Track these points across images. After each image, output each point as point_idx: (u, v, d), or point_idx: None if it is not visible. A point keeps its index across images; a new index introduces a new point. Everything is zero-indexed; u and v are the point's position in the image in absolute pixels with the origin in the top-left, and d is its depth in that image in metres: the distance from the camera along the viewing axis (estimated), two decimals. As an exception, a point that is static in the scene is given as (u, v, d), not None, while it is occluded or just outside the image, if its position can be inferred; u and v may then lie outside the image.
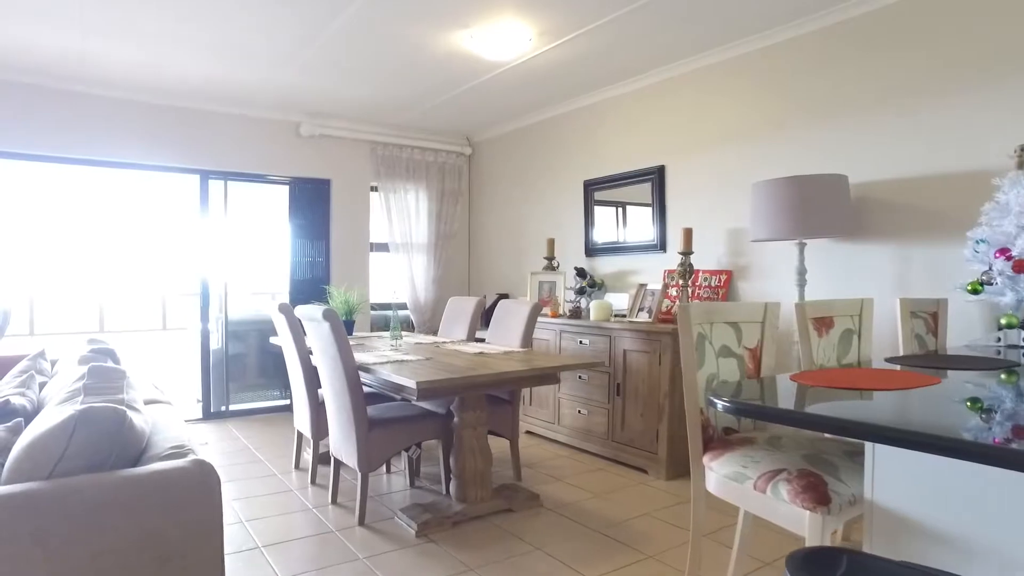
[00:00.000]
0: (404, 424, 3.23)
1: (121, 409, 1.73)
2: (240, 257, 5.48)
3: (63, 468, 1.65)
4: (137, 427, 1.77)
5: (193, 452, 1.78)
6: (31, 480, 1.63)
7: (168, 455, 1.75)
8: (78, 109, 4.71)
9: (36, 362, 3.32)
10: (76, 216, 9.13)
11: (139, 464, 1.77)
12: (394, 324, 3.87)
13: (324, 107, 5.33)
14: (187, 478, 1.63)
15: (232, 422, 5.27)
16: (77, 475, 1.64)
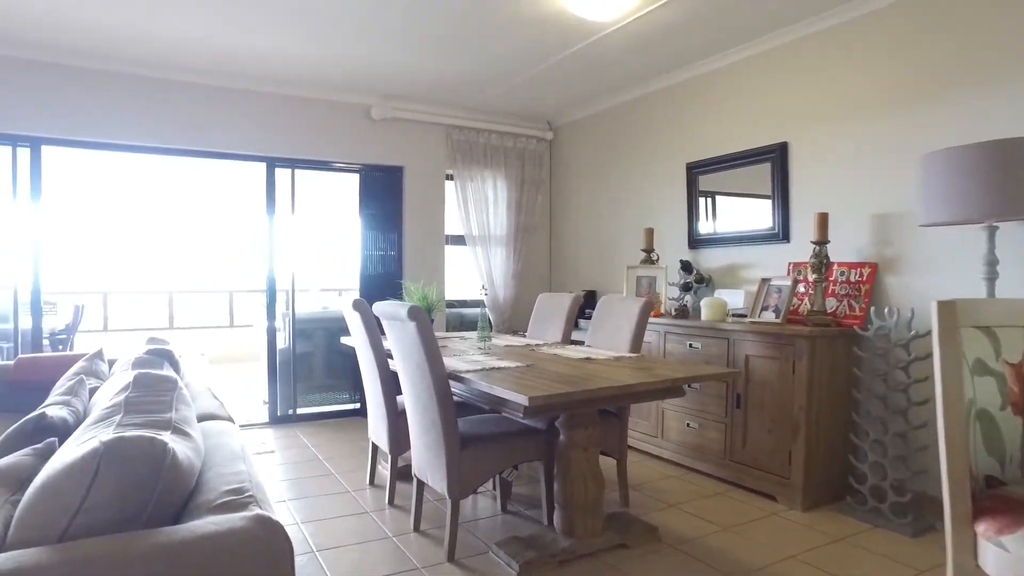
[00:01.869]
0: (501, 442, 2.73)
1: (160, 441, 1.27)
2: (308, 251, 5.12)
3: (81, 524, 1.21)
4: (183, 463, 1.32)
5: (255, 500, 1.32)
6: (39, 543, 1.19)
7: (223, 504, 1.29)
8: (143, 94, 4.42)
9: (92, 363, 2.99)
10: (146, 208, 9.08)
11: (185, 513, 1.32)
12: (482, 324, 3.38)
13: (397, 87, 4.90)
14: (247, 544, 1.16)
15: (299, 427, 4.91)
16: (99, 535, 1.20)
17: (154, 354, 2.75)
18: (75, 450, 1.31)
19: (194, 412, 1.83)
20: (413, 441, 2.88)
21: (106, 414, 1.63)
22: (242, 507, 1.28)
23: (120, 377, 2.41)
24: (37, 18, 3.63)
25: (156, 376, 1.87)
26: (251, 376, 7.15)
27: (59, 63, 4.20)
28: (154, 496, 1.26)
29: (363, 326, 3.12)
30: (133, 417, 1.55)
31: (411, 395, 2.76)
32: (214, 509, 1.28)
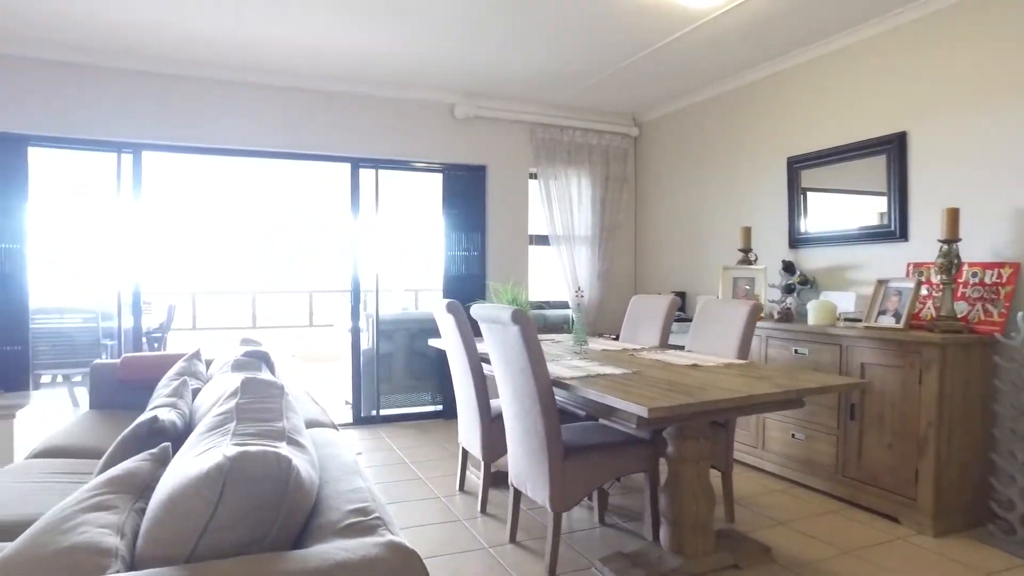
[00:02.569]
0: (606, 453, 2.59)
1: (285, 458, 1.19)
2: (391, 251, 5.11)
3: (208, 544, 1.14)
4: (305, 482, 1.24)
5: (383, 523, 1.22)
6: (169, 560, 1.13)
7: (349, 527, 1.20)
8: (234, 98, 4.50)
9: (191, 364, 3.01)
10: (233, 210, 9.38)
11: (308, 534, 1.24)
12: (578, 327, 3.24)
13: (481, 85, 4.82)
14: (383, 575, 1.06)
15: (383, 429, 4.90)
16: (226, 556, 1.13)
17: (251, 356, 2.74)
18: (197, 463, 1.25)
19: (301, 419, 1.77)
20: (511, 448, 2.77)
21: (218, 422, 1.58)
22: (370, 531, 1.18)
23: (221, 380, 2.39)
24: (139, 29, 3.72)
25: (263, 381, 1.82)
26: (332, 376, 7.24)
27: (159, 72, 4.32)
28: (280, 516, 1.18)
29: (457, 329, 3.04)
30: (246, 426, 1.49)
31: (511, 401, 2.65)
32: (340, 532, 1.20)
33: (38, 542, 1.21)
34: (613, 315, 5.50)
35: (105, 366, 3.55)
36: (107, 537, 1.21)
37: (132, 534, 1.28)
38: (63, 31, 3.80)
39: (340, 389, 5.86)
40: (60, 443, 2.73)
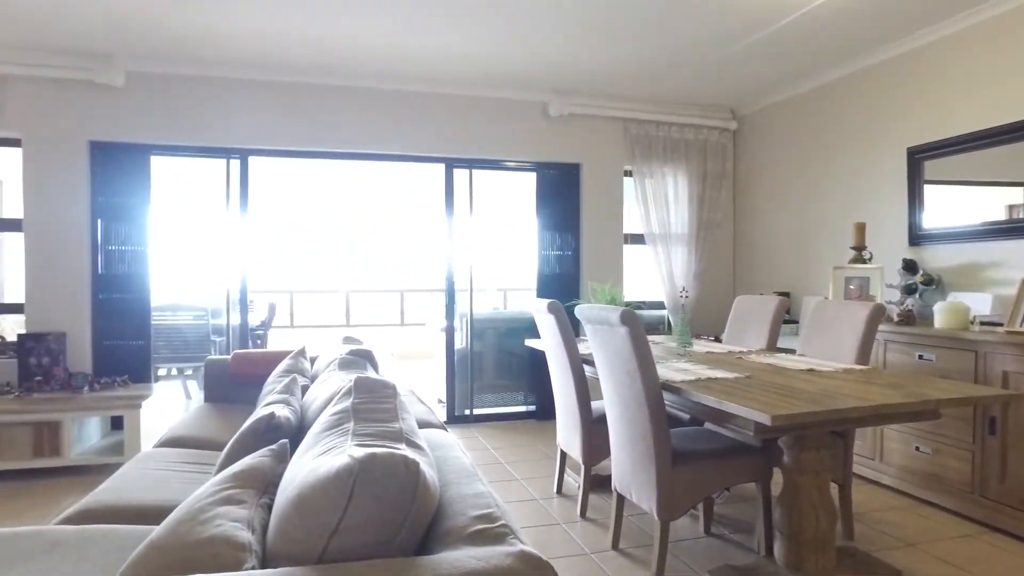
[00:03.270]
0: (717, 461, 2.47)
1: (413, 461, 1.17)
2: (484, 250, 5.13)
3: (338, 545, 1.14)
4: (431, 485, 1.22)
5: (511, 531, 1.18)
6: (300, 559, 1.14)
7: (476, 534, 1.17)
8: (331, 103, 4.64)
9: (298, 361, 3.11)
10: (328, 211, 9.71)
11: (433, 539, 1.22)
12: (682, 328, 3.12)
13: (574, 82, 4.75)
14: (517, 587, 1.02)
15: (477, 428, 4.92)
16: (356, 558, 1.12)
17: (356, 355, 2.79)
18: (323, 463, 1.25)
19: (414, 420, 1.76)
20: (615, 453, 2.69)
21: (335, 421, 1.59)
22: (499, 539, 1.15)
23: (330, 378, 2.44)
24: (246, 41, 3.89)
25: (375, 381, 1.82)
26: (424, 374, 7.36)
27: (264, 80, 4.50)
28: (407, 520, 1.16)
29: (557, 329, 2.99)
30: (364, 426, 1.49)
31: (616, 404, 2.57)
32: (468, 539, 1.17)
33: (180, 531, 1.26)
34: (711, 316, 5.30)
35: (218, 362, 3.73)
36: (240, 531, 1.24)
37: (261, 529, 1.30)
38: (181, 46, 4.02)
39: (433, 387, 5.94)
40: (182, 434, 2.88)
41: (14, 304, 4.53)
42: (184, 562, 1.17)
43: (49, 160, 4.25)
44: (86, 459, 3.84)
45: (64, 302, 4.30)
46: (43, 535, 1.72)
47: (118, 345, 4.44)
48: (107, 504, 2.02)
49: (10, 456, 3.71)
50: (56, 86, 4.23)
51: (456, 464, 1.59)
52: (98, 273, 4.38)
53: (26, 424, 3.72)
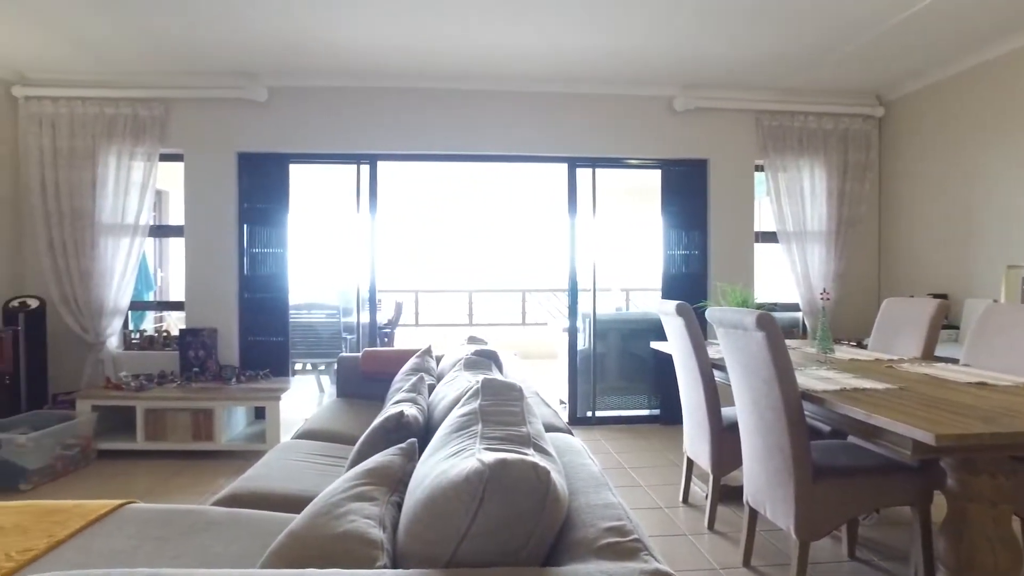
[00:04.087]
0: (865, 479, 2.26)
1: (544, 469, 1.14)
2: (607, 250, 5.04)
3: (467, 550, 1.12)
4: (561, 494, 1.18)
5: (644, 545, 1.12)
6: (429, 562, 1.13)
7: (607, 547, 1.11)
8: (456, 106, 4.73)
9: (424, 360, 3.18)
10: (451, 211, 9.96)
11: (561, 550, 1.18)
12: (823, 333, 2.88)
13: (701, 75, 4.55)
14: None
15: (599, 431, 4.84)
16: (485, 565, 1.10)
17: (481, 355, 2.81)
18: (453, 465, 1.24)
19: (541, 423, 1.73)
20: (748, 464, 2.53)
21: (463, 423, 1.58)
22: (631, 554, 1.09)
23: (456, 378, 2.47)
24: (378, 52, 4.04)
25: (502, 383, 1.80)
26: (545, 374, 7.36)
27: (392, 87, 4.68)
28: (536, 529, 1.13)
29: (686, 332, 2.86)
30: (492, 428, 1.47)
31: (750, 413, 2.42)
32: (598, 552, 1.12)
33: (317, 523, 1.30)
34: (853, 320, 4.90)
35: (349, 359, 3.91)
36: (372, 529, 1.26)
37: (392, 527, 1.32)
38: (316, 61, 4.26)
39: (555, 388, 5.92)
40: (317, 427, 3.03)
41: (176, 302, 5.01)
42: (321, 554, 1.21)
43: (205, 171, 4.66)
44: (234, 445, 4.16)
45: (216, 301, 4.69)
46: (201, 514, 1.85)
47: (260, 341, 4.78)
48: (252, 490, 2.16)
49: (173, 438, 4.10)
50: (209, 105, 4.62)
51: (584, 471, 1.54)
52: (244, 274, 4.74)
53: (186, 410, 4.10)
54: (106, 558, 1.60)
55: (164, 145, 4.59)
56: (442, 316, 10.23)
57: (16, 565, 1.55)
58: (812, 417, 2.36)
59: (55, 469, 3.73)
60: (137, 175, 4.53)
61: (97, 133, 4.49)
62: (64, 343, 4.58)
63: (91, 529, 1.76)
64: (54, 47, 4.05)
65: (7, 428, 3.76)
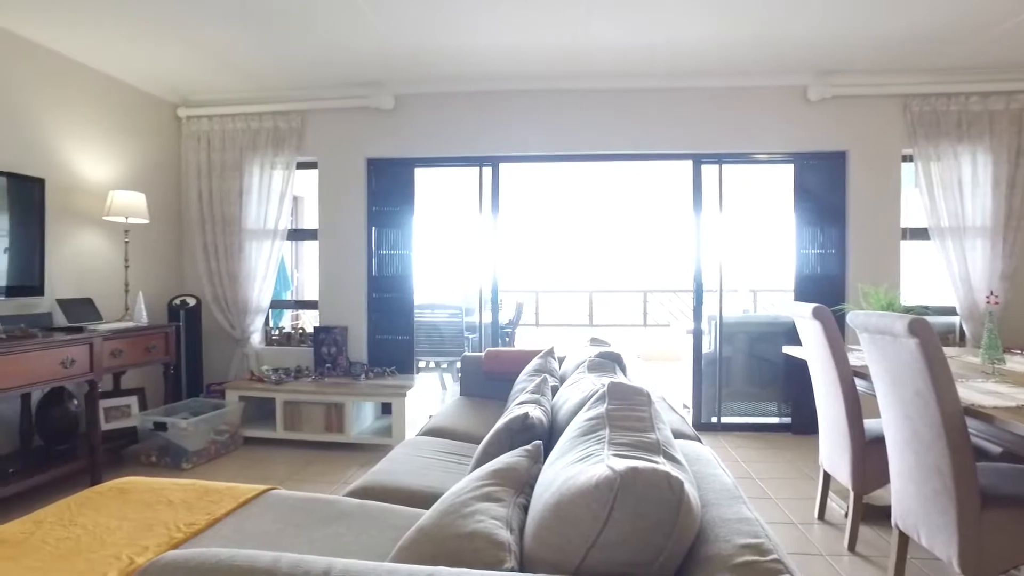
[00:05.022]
0: (1044, 510, 1.98)
1: (677, 480, 1.09)
2: (734, 249, 4.81)
3: (597, 558, 1.10)
4: (694, 506, 1.12)
5: (784, 567, 1.04)
6: (557, 567, 1.12)
7: (744, 566, 1.04)
8: (578, 106, 4.70)
9: (546, 361, 3.17)
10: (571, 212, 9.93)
11: (692, 565, 1.12)
12: (991, 341, 2.57)
13: (839, 60, 4.22)
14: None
15: (725, 437, 4.63)
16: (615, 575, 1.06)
17: (605, 357, 2.76)
18: (582, 471, 1.22)
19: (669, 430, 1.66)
20: (897, 483, 2.31)
21: (590, 427, 1.55)
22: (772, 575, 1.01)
23: (579, 380, 2.43)
24: (498, 55, 4.09)
25: (629, 387, 1.75)
26: (667, 377, 7.17)
27: (513, 89, 4.71)
28: (668, 542, 1.08)
29: (824, 337, 2.66)
30: (619, 434, 1.43)
31: (900, 428, 2.20)
32: (734, 570, 1.05)
33: (445, 521, 1.31)
34: (1022, 325, 4.37)
35: (472, 358, 3.98)
36: (500, 530, 1.25)
37: (519, 529, 1.31)
38: (440, 68, 4.37)
39: (677, 392, 5.74)
40: (441, 425, 3.11)
41: (310, 301, 5.33)
42: (449, 552, 1.22)
43: (337, 177, 4.93)
44: (362, 438, 4.36)
45: (347, 300, 4.95)
46: (336, 504, 1.95)
47: (387, 339, 4.98)
48: (382, 483, 2.24)
49: (308, 429, 4.37)
50: (341, 114, 4.89)
51: (716, 482, 1.46)
52: (372, 275, 4.96)
53: (319, 403, 4.35)
54: (255, 538, 1.71)
55: (300, 154, 4.91)
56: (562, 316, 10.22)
57: (184, 536, 1.73)
58: (978, 436, 2.12)
59: (209, 452, 4.09)
60: (277, 183, 4.87)
61: (243, 146, 4.87)
62: (215, 338, 5.02)
63: (242, 510, 1.90)
64: (210, 71, 4.43)
65: (171, 413, 4.17)
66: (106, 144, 4.36)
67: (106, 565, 1.55)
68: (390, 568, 1.02)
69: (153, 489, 2.06)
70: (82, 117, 4.16)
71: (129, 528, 1.77)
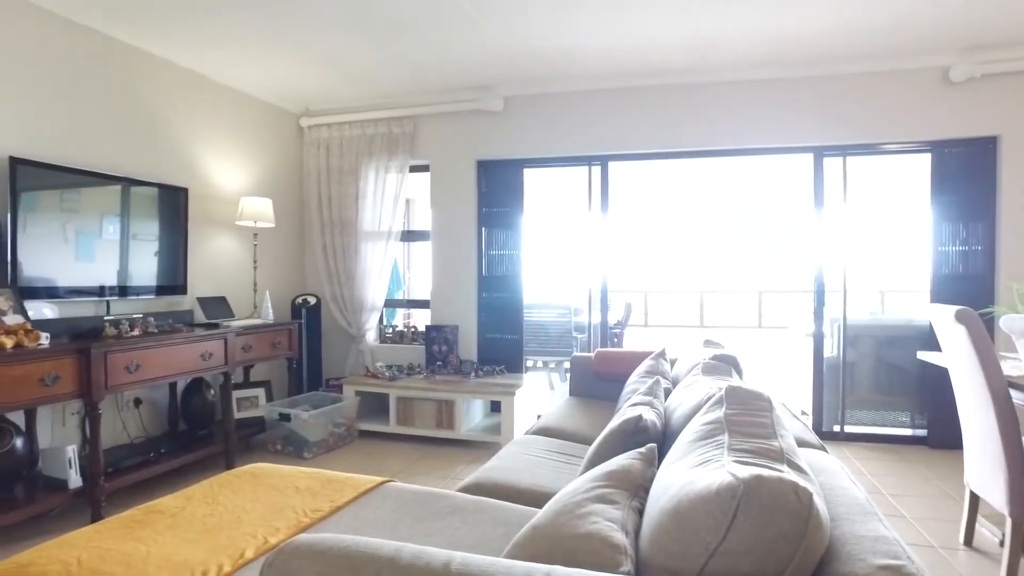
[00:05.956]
0: None
1: (806, 491, 1.02)
2: (860, 247, 4.49)
3: (717, 567, 1.05)
4: (823, 521, 1.04)
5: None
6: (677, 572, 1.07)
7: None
8: (680, 102, 4.56)
9: (658, 363, 3.10)
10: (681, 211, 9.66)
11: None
12: None
13: (989, 33, 3.82)
14: None
15: (848, 448, 4.33)
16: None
17: (720, 360, 2.65)
18: (700, 477, 1.17)
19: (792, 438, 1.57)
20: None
21: (708, 432, 1.49)
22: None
23: (694, 383, 2.35)
24: (603, 53, 4.04)
25: (748, 391, 1.67)
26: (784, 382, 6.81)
27: (621, 87, 4.65)
28: (796, 556, 1.01)
29: (970, 343, 2.42)
30: (739, 440, 1.36)
31: (1066, 445, 1.96)
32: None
33: (559, 521, 1.31)
34: None
35: (582, 358, 3.95)
36: (616, 532, 1.23)
37: (633, 533, 1.28)
38: (548, 68, 4.38)
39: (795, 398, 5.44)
40: (551, 424, 3.10)
41: (421, 300, 5.50)
42: (564, 552, 1.21)
43: (448, 180, 5.06)
44: (471, 435, 4.44)
45: (458, 299, 5.06)
46: (450, 498, 1.99)
47: (496, 338, 5.05)
48: (494, 480, 2.26)
49: (420, 425, 4.50)
50: (451, 118, 5.01)
51: (846, 496, 1.36)
52: (482, 275, 5.05)
53: (431, 400, 4.47)
54: (374, 526, 1.78)
55: (413, 157, 5.08)
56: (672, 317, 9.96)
57: (310, 521, 1.84)
58: None
59: (328, 443, 4.31)
60: (391, 186, 5.06)
61: (360, 151, 5.11)
62: (333, 335, 5.29)
63: (361, 500, 1.99)
64: (329, 82, 4.68)
65: (294, 405, 4.43)
66: (238, 154, 4.71)
67: (244, 542, 1.66)
68: (508, 564, 1.02)
69: (282, 475, 2.20)
70: (217, 130, 4.52)
71: (262, 510, 1.89)
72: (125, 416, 3.77)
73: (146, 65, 3.94)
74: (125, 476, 3.23)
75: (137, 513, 1.87)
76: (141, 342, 3.23)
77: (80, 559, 1.55)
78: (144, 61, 3.93)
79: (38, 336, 2.81)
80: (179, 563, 1.54)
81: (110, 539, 1.67)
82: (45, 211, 3.24)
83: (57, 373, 2.81)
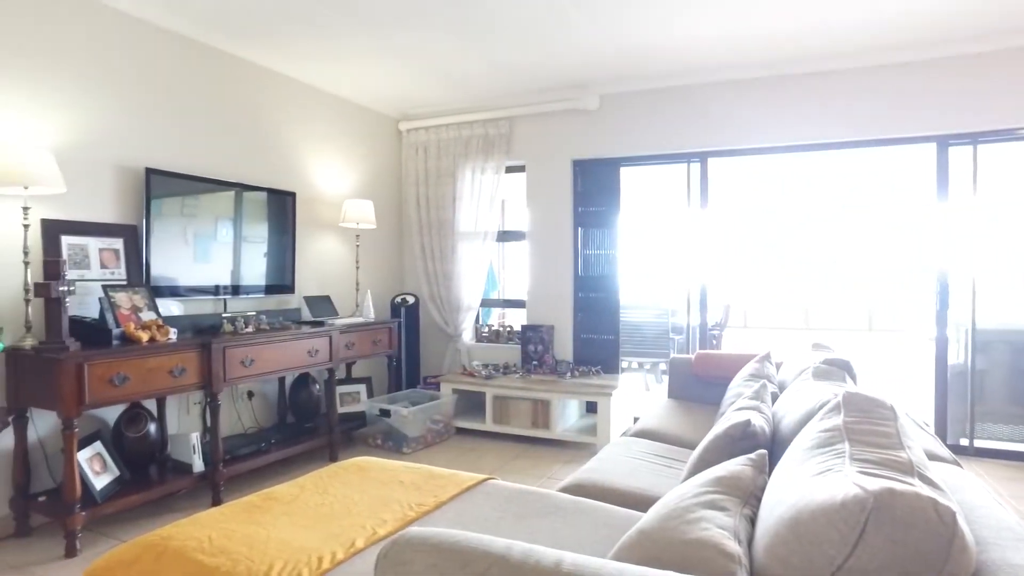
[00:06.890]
0: None
1: (948, 509, 0.94)
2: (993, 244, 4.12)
3: (841, 585, 0.98)
4: (969, 544, 0.95)
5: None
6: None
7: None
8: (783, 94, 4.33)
9: (763, 366, 2.97)
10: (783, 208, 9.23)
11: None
12: None
13: None
14: None
15: (977, 464, 3.98)
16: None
17: (831, 364, 2.51)
18: (821, 487, 1.11)
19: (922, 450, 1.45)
20: None
21: (826, 439, 1.41)
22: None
23: (803, 388, 2.23)
24: (700, 45, 3.91)
25: (868, 398, 1.56)
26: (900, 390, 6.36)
27: (719, 81, 4.48)
28: None
29: None
30: (862, 450, 1.28)
31: None
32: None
33: (668, 525, 1.27)
34: None
35: (681, 360, 3.85)
36: (728, 540, 1.19)
37: (746, 542, 1.23)
38: (645, 64, 4.29)
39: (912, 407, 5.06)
40: (651, 427, 3.04)
41: (516, 300, 5.53)
42: (673, 557, 1.18)
43: (544, 180, 5.06)
44: (567, 435, 4.42)
45: (553, 299, 5.06)
46: (550, 498, 1.99)
47: (592, 338, 5.01)
48: (593, 482, 2.24)
49: (516, 423, 4.53)
50: (547, 118, 5.01)
51: (991, 518, 1.24)
52: (578, 275, 5.02)
53: (526, 399, 4.49)
54: (478, 522, 1.80)
55: (509, 158, 5.12)
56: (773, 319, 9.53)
57: (416, 515, 1.90)
58: None
59: (426, 439, 4.41)
60: (487, 187, 5.12)
61: (456, 153, 5.21)
62: (430, 334, 5.42)
63: (464, 496, 2.02)
64: (427, 86, 4.79)
65: (393, 401, 4.57)
66: (341, 158, 4.92)
67: (354, 532, 1.73)
68: (619, 567, 1.00)
69: (386, 469, 2.27)
70: (322, 136, 4.73)
71: (369, 502, 1.96)
72: (239, 407, 4.02)
73: (258, 77, 4.19)
74: (240, 463, 3.44)
75: (256, 499, 1.98)
76: (254, 338, 3.43)
77: (211, 537, 1.67)
78: (256, 73, 4.18)
79: (167, 331, 3.05)
80: (296, 548, 1.61)
81: (234, 521, 1.78)
82: (169, 216, 3.50)
83: (184, 366, 3.03)
